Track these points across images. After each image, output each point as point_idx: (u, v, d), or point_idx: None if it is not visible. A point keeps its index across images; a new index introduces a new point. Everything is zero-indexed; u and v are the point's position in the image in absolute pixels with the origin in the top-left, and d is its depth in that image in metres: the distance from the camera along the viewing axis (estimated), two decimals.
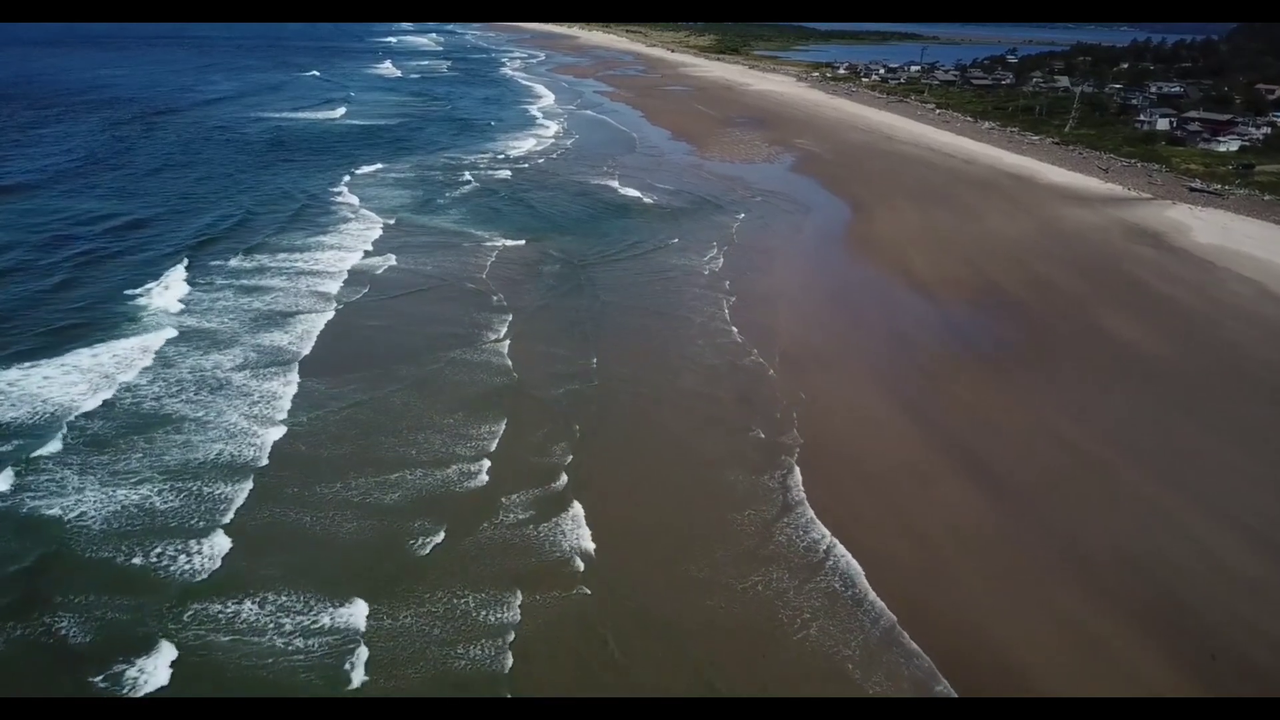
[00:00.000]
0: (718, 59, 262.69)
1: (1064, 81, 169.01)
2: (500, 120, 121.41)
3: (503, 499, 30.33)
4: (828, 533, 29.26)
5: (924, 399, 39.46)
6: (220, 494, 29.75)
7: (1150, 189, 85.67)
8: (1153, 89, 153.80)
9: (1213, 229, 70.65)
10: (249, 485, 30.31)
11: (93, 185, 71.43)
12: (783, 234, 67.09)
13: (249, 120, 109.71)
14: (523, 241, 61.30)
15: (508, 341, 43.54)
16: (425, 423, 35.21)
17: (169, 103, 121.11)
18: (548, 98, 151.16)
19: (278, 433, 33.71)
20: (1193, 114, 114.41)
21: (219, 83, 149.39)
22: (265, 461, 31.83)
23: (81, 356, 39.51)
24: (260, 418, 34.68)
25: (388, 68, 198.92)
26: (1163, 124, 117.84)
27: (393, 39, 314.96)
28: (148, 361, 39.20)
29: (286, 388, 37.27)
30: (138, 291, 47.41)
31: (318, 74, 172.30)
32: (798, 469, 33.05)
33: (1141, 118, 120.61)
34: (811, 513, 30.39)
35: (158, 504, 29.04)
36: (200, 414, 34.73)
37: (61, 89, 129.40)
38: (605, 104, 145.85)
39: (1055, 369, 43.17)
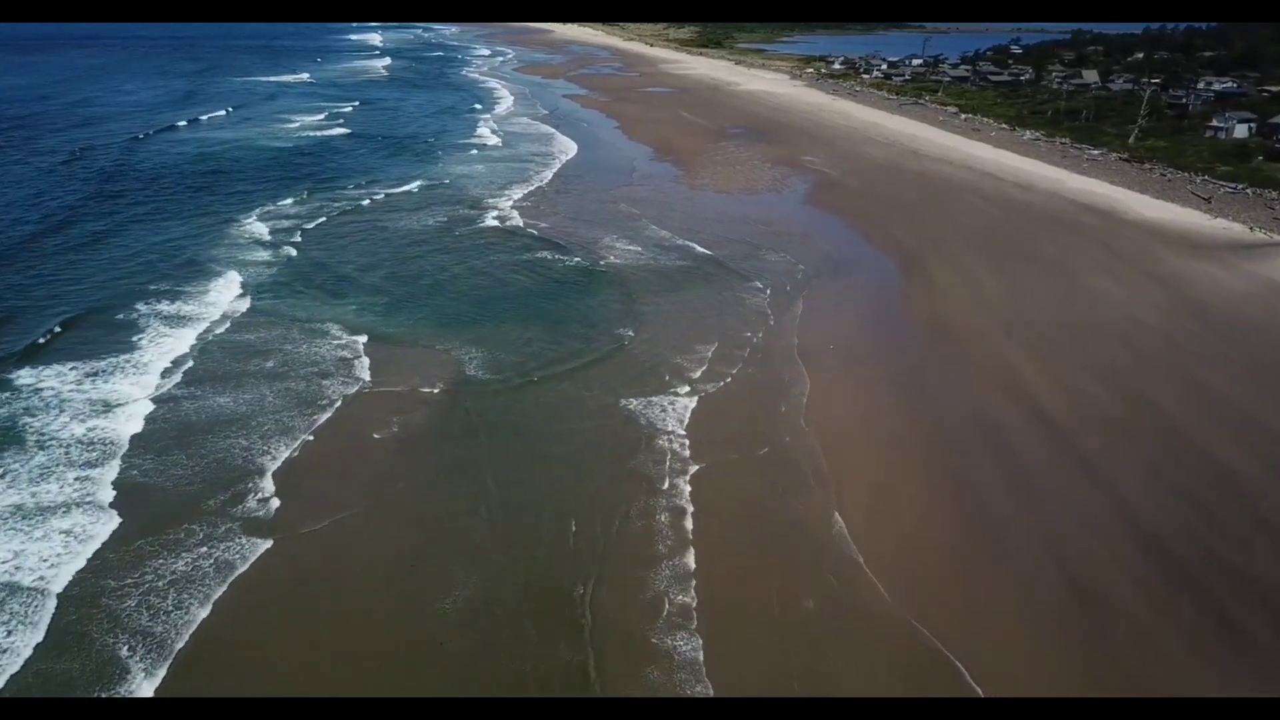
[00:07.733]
0: (700, 53, 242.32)
1: (1093, 76, 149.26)
2: (448, 143, 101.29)
3: None
4: None
5: None
6: None
7: None
8: (1200, 85, 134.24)
9: None
10: None
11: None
12: (835, 326, 46.85)
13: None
14: (490, 368, 40.97)
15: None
16: None
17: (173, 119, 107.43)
18: (536, 109, 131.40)
19: None
20: None
21: (227, 94, 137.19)
22: None
23: None
24: None
25: (385, 72, 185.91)
26: (1240, 130, 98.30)
27: (378, 37, 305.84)
28: None
29: None
30: None
31: (308, 76, 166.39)
32: None
33: (1215, 123, 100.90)
34: None
35: None
36: None
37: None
38: (578, 111, 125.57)
39: None
